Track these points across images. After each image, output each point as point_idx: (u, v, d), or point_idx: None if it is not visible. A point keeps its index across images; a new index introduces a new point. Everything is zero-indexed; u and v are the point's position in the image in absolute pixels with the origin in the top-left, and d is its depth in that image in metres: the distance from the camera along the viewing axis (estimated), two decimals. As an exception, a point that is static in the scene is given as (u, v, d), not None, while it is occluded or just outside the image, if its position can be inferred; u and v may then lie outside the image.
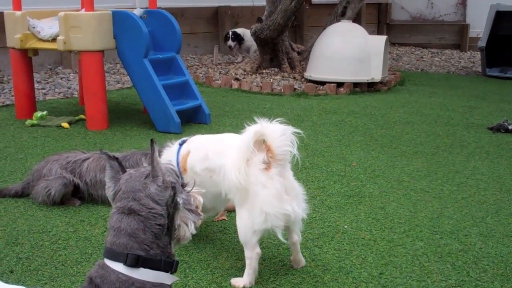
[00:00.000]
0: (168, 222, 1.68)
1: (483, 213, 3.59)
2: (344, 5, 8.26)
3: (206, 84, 7.57)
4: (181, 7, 9.46)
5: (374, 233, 3.26)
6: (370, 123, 5.83)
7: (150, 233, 1.64)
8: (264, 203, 2.53)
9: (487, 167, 4.51)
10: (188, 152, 2.85)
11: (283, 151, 2.53)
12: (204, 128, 5.35)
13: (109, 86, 7.30)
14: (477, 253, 3.05)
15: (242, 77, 7.80)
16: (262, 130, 2.51)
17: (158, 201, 1.65)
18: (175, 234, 1.75)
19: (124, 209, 1.65)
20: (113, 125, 5.34)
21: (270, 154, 2.53)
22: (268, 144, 2.53)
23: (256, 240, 2.61)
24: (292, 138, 2.55)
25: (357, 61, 7.36)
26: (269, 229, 2.58)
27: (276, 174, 2.54)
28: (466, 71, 10.05)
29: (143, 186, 1.66)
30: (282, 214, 2.55)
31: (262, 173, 2.53)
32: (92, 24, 4.92)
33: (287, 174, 2.61)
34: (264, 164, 2.53)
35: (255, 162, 2.54)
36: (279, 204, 2.53)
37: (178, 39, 5.45)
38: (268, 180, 2.52)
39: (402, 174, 4.29)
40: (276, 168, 2.54)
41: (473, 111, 6.56)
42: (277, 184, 2.53)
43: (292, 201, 2.58)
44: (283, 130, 2.53)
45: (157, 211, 1.65)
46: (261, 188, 2.53)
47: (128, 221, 1.64)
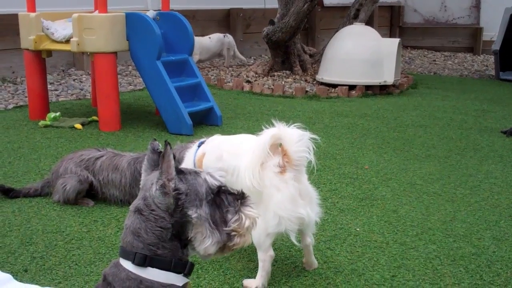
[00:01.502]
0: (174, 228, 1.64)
1: (497, 216, 3.57)
2: (357, 7, 8.25)
3: (218, 87, 7.58)
4: (193, 9, 9.49)
5: (386, 236, 3.25)
6: (382, 126, 5.81)
7: (152, 234, 1.62)
8: (278, 207, 2.52)
9: (501, 171, 4.48)
10: (204, 153, 2.86)
11: (300, 157, 2.52)
12: (216, 130, 5.36)
13: (121, 88, 7.34)
14: (490, 256, 3.03)
15: (253, 79, 7.81)
16: (279, 133, 2.51)
17: (158, 205, 1.63)
18: (191, 243, 1.70)
19: (134, 206, 1.66)
20: (125, 127, 5.36)
21: (287, 159, 2.52)
22: (285, 148, 2.52)
23: (270, 243, 2.61)
24: (309, 144, 2.53)
25: (369, 64, 7.35)
26: (282, 232, 2.57)
27: (290, 178, 2.53)
28: (479, 75, 9.99)
29: (150, 186, 1.65)
30: (296, 217, 2.54)
31: (276, 177, 2.52)
32: (106, 25, 4.95)
33: (302, 178, 2.60)
34: (279, 168, 2.53)
35: (270, 166, 2.53)
36: (293, 208, 2.53)
37: (191, 41, 5.46)
38: (283, 184, 2.52)
39: (414, 177, 4.27)
40: (291, 173, 2.53)
41: (486, 115, 6.52)
42: (292, 188, 2.52)
43: (306, 205, 2.58)
44: (300, 135, 2.52)
45: (158, 214, 1.62)
46: (275, 191, 2.52)
47: (133, 219, 1.64)
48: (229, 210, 1.72)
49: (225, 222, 1.71)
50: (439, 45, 12.87)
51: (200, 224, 1.67)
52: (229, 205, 1.73)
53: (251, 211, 1.75)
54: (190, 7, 9.47)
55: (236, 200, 1.75)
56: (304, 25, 11.02)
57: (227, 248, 1.73)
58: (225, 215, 1.72)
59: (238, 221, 1.72)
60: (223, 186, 1.74)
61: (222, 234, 1.70)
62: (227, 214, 1.72)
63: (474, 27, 12.64)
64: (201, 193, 1.68)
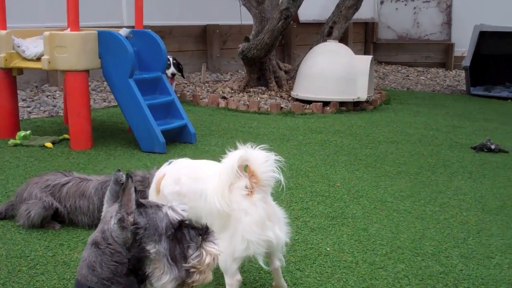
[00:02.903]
0: (131, 263, 1.62)
1: (465, 234, 3.62)
2: (331, 25, 8.34)
3: (193, 103, 7.58)
4: (169, 25, 9.50)
5: (356, 255, 3.27)
6: (355, 142, 5.86)
7: (107, 269, 1.59)
8: (246, 231, 2.50)
9: (470, 187, 4.54)
10: (164, 174, 2.85)
11: (269, 177, 2.52)
12: (189, 148, 5.35)
13: (95, 104, 7.30)
14: (458, 275, 3.06)
15: (229, 95, 7.83)
16: (246, 155, 2.51)
17: (115, 239, 1.60)
18: (148, 279, 1.67)
19: (91, 238, 1.64)
20: (97, 145, 5.32)
21: (254, 180, 2.51)
22: (252, 169, 2.52)
23: (237, 267, 2.59)
24: (275, 165, 2.54)
25: (343, 81, 7.42)
26: (250, 256, 2.56)
27: (259, 200, 2.52)
28: (451, 90, 10.15)
29: (109, 219, 1.63)
30: (265, 241, 2.52)
31: (245, 199, 2.51)
32: (77, 43, 4.93)
33: (269, 199, 2.60)
34: (247, 190, 2.52)
35: (238, 188, 2.52)
36: (261, 231, 2.51)
37: (164, 59, 5.46)
38: (251, 207, 2.51)
39: (385, 194, 4.31)
40: (259, 194, 2.53)
41: (456, 131, 6.62)
42: (261, 210, 2.52)
43: (274, 226, 2.57)
44: (266, 156, 2.53)
45: (115, 248, 1.60)
46: (243, 215, 2.51)
47: (90, 252, 1.62)
48: (190, 245, 1.69)
49: (185, 258, 1.68)
50: (412, 60, 13.07)
51: (159, 260, 1.64)
52: (191, 240, 1.70)
53: (213, 248, 1.73)
54: (166, 23, 9.48)
55: (199, 235, 1.73)
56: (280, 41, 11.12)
57: (186, 285, 1.69)
58: (185, 250, 1.68)
59: (198, 257, 1.70)
60: (186, 220, 1.72)
61: (181, 271, 1.67)
62: (188, 249, 1.69)
63: (446, 43, 12.86)
64: (161, 227, 1.65)
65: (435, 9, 13.00)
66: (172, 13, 9.68)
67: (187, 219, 1.73)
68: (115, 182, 1.72)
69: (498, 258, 3.28)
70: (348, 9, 8.30)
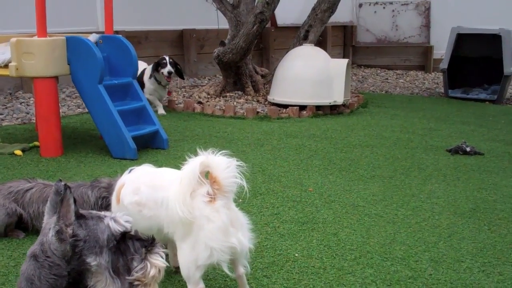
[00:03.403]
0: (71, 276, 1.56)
1: (436, 237, 3.59)
2: (306, 28, 8.31)
3: (169, 108, 7.51)
4: (145, 30, 9.43)
5: (324, 261, 3.22)
6: (330, 146, 5.82)
7: (46, 282, 1.54)
8: (210, 238, 2.44)
9: (443, 190, 4.52)
10: (123, 184, 2.79)
11: (231, 182, 2.47)
12: (161, 154, 5.28)
13: (69, 111, 7.21)
14: (427, 279, 3.02)
15: (205, 100, 7.77)
16: (207, 161, 2.45)
17: (54, 251, 1.55)
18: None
19: (30, 251, 1.58)
20: (68, 152, 5.23)
21: (216, 186, 2.46)
22: (214, 175, 2.47)
23: (200, 275, 2.52)
24: (237, 171, 2.49)
25: (319, 84, 7.39)
26: (214, 263, 2.50)
27: (222, 206, 2.47)
28: (429, 93, 10.18)
29: (48, 230, 1.57)
30: (228, 247, 2.47)
31: (207, 206, 2.45)
32: (45, 50, 4.84)
33: (232, 206, 2.55)
34: (209, 196, 2.46)
35: (199, 195, 2.46)
36: (225, 238, 2.46)
37: (135, 64, 5.39)
38: (214, 213, 2.45)
39: (358, 198, 4.27)
40: (221, 200, 2.47)
41: (432, 133, 6.61)
42: (224, 216, 2.46)
43: (238, 232, 2.51)
44: (228, 162, 2.48)
45: (53, 261, 1.54)
46: (206, 222, 2.44)
47: (28, 265, 1.56)
48: (135, 257, 1.64)
49: (129, 271, 1.63)
50: (392, 63, 13.10)
51: (100, 273, 1.59)
52: (135, 252, 1.65)
53: (158, 260, 1.68)
54: (142, 28, 9.41)
55: (143, 247, 1.67)
56: (258, 45, 11.09)
57: None
58: (129, 263, 1.64)
59: (143, 269, 1.65)
60: (129, 231, 1.66)
61: (124, 284, 1.62)
62: (132, 261, 1.64)
63: (425, 45, 12.91)
64: (102, 239, 1.59)
65: (413, 11, 13.05)
66: (148, 18, 9.61)
67: (130, 230, 1.67)
68: (55, 192, 1.66)
69: (469, 262, 3.25)
70: (324, 12, 8.28)
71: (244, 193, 2.60)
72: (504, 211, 4.09)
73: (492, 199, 4.34)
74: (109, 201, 3.15)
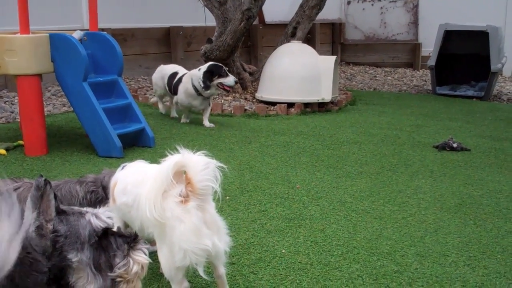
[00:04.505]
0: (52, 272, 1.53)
1: (422, 232, 3.58)
2: (294, 25, 8.30)
3: (155, 106, 7.46)
4: (131, 28, 9.37)
5: (311, 257, 3.21)
6: (318, 143, 5.81)
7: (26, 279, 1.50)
8: (182, 239, 2.36)
9: (430, 186, 4.52)
10: (116, 182, 2.74)
11: (205, 186, 2.37)
12: (148, 152, 5.25)
13: (55, 109, 7.14)
14: (412, 274, 3.02)
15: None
16: (183, 161, 2.36)
17: (34, 247, 1.52)
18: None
19: None
20: (53, 151, 5.18)
21: (190, 188, 2.37)
22: (189, 177, 2.37)
23: (182, 275, 2.47)
24: (215, 172, 2.40)
25: (307, 82, 7.38)
26: (189, 265, 2.42)
27: (193, 208, 2.37)
28: (417, 90, 10.20)
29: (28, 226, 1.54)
30: (201, 249, 2.38)
31: (178, 207, 2.36)
32: (28, 47, 4.79)
33: (207, 207, 2.45)
34: (182, 197, 2.37)
35: (172, 195, 2.37)
36: (197, 240, 2.37)
37: (120, 62, 5.34)
38: (185, 214, 2.36)
39: (345, 195, 4.26)
40: (194, 202, 2.38)
41: (420, 130, 6.62)
42: (194, 218, 2.37)
43: (213, 235, 2.43)
44: (206, 163, 2.37)
45: (34, 257, 1.51)
46: (178, 223, 2.36)
47: None
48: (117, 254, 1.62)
49: (111, 267, 1.61)
50: (380, 61, 13.13)
51: (82, 269, 1.57)
52: (117, 249, 1.63)
53: (141, 256, 1.66)
54: (128, 26, 9.35)
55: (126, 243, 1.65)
56: (246, 43, 11.06)
57: None
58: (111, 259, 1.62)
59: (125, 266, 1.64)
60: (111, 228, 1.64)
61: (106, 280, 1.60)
62: (115, 258, 1.62)
63: (413, 43, 12.95)
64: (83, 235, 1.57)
65: (401, 9, 13.09)
66: (134, 15, 9.55)
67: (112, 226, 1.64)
68: (36, 188, 1.63)
69: (454, 256, 3.25)
70: (312, 9, 8.27)
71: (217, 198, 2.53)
72: (490, 206, 4.09)
73: (478, 194, 4.35)
74: (97, 195, 3.12)
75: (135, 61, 9.48)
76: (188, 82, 6.29)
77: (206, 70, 6.21)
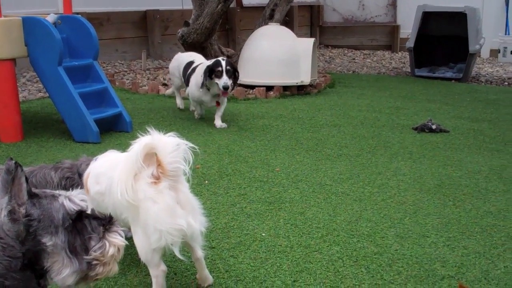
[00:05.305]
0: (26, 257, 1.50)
1: (401, 214, 3.59)
2: (272, 7, 8.23)
3: (132, 91, 7.37)
4: (107, 12, 9.22)
5: (291, 240, 3.19)
6: (297, 126, 5.79)
7: None
8: (156, 220, 2.34)
9: (409, 168, 4.53)
10: (89, 173, 2.70)
11: (174, 168, 2.35)
12: (125, 136, 5.18)
13: (30, 95, 7.02)
14: (392, 255, 3.02)
15: (170, 82, 7.63)
16: (153, 143, 2.32)
17: (6, 232, 1.48)
18: (48, 273, 1.56)
19: None
20: (29, 137, 5.09)
21: (161, 169, 2.35)
22: (159, 158, 2.35)
23: (158, 257, 2.46)
24: (185, 153, 2.37)
25: (285, 64, 7.34)
26: (165, 246, 2.40)
27: (166, 188, 2.36)
28: (396, 72, 10.21)
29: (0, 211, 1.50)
30: (176, 229, 2.37)
31: (150, 187, 2.35)
32: (0, 31, 4.67)
33: (180, 187, 2.43)
34: (153, 178, 2.35)
35: (144, 176, 2.35)
36: (171, 220, 2.35)
37: (95, 45, 5.25)
38: (158, 195, 2.34)
39: (325, 177, 4.25)
40: (166, 182, 2.36)
41: (399, 112, 6.63)
42: (167, 197, 2.35)
43: (188, 215, 2.41)
44: (176, 144, 2.35)
45: (7, 242, 1.47)
46: (151, 204, 2.35)
47: None
48: (92, 236, 1.59)
49: (87, 250, 1.58)
50: (359, 43, 13.11)
51: (57, 253, 1.54)
52: (92, 231, 1.60)
53: (117, 238, 1.63)
54: (104, 9, 9.20)
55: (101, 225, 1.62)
56: (224, 26, 10.97)
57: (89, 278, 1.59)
58: (87, 242, 1.59)
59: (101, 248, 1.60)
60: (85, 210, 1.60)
61: (82, 263, 1.56)
62: (90, 241, 1.59)
63: (392, 25, 12.94)
64: (57, 219, 1.54)
65: (380, -10, 13.06)
66: (109, -1, 9.41)
67: (87, 209, 1.61)
68: (6, 172, 1.58)
69: (434, 237, 3.26)
70: (290, -9, 8.20)
71: (187, 179, 2.51)
72: (469, 186, 4.12)
73: (457, 175, 4.37)
74: (73, 181, 3.07)
75: (111, 46, 9.34)
76: (200, 74, 5.58)
77: (207, 66, 5.54)
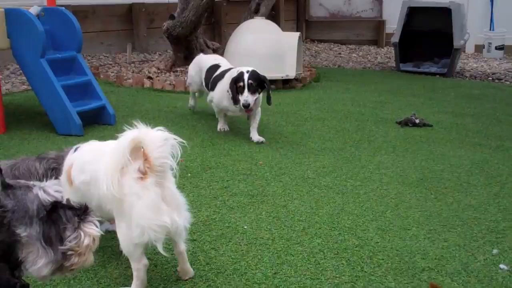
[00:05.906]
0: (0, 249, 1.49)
1: (383, 207, 3.62)
2: (258, 1, 8.22)
3: (117, 84, 7.33)
4: (92, 5, 9.16)
5: (273, 232, 3.21)
6: (282, 120, 5.80)
7: None
8: (140, 216, 2.34)
9: (392, 161, 4.56)
10: (71, 163, 2.68)
11: (162, 163, 2.34)
12: (108, 129, 5.15)
13: (13, 87, 6.96)
14: (373, 247, 3.05)
15: (155, 75, 7.61)
16: (140, 136, 2.32)
17: None
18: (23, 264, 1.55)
19: None
20: (11, 129, 5.05)
21: (148, 164, 2.34)
22: (146, 153, 2.33)
23: (140, 252, 2.45)
24: (173, 148, 2.36)
25: (270, 58, 7.33)
26: (147, 242, 2.39)
27: (152, 184, 2.35)
28: (381, 67, 10.25)
29: None
30: (159, 226, 2.36)
31: (136, 183, 2.34)
32: (-18, 22, 4.64)
33: (166, 183, 2.42)
34: (140, 173, 2.34)
35: (130, 171, 2.34)
36: (155, 216, 2.35)
37: (79, 38, 5.21)
38: (143, 191, 2.33)
39: (308, 171, 4.27)
40: (152, 178, 2.35)
41: (383, 106, 6.66)
42: (153, 194, 2.35)
43: (173, 211, 2.41)
44: (163, 138, 2.34)
45: None
46: (136, 199, 2.34)
47: None
48: (67, 227, 1.59)
49: (62, 240, 1.57)
50: (345, 38, 13.12)
51: (31, 244, 1.54)
52: (68, 222, 1.59)
53: (92, 228, 1.62)
54: (89, 2, 9.14)
55: (76, 216, 1.61)
56: (210, 20, 10.93)
57: (64, 269, 1.59)
58: (62, 232, 1.58)
59: (76, 239, 1.60)
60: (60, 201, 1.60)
61: (57, 254, 1.56)
62: (65, 231, 1.59)
63: (377, 20, 12.97)
64: (31, 210, 1.53)
65: (366, -15, 13.07)
66: (95, -9, 9.34)
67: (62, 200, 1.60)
68: None
69: (415, 230, 3.29)
70: (275, -15, 8.19)
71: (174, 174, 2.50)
72: (451, 180, 4.15)
73: (439, 169, 4.41)
74: (58, 172, 3.04)
75: (96, 38, 9.29)
76: (228, 83, 4.95)
77: (233, 78, 4.84)
